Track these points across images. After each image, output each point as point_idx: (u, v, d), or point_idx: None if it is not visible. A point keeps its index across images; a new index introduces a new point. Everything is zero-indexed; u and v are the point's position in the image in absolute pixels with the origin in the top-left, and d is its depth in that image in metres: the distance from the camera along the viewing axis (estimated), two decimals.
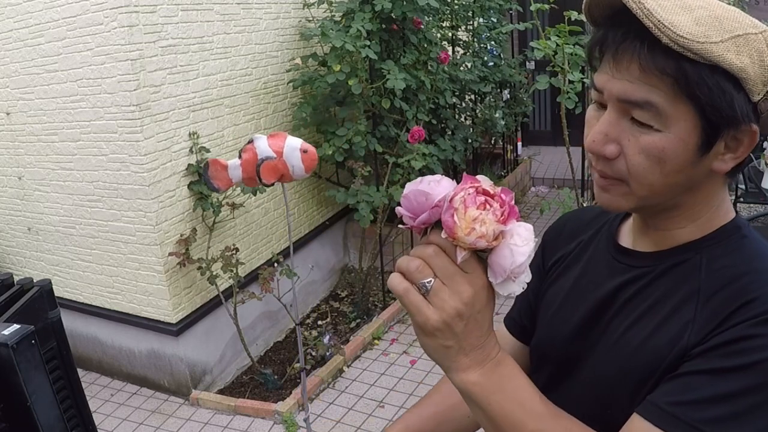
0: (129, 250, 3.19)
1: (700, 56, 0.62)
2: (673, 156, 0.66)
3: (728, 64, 0.62)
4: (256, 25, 3.54)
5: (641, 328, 0.72)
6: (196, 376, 3.34)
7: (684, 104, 0.64)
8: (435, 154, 3.92)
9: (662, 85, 0.64)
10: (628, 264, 0.78)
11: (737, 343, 0.62)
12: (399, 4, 3.62)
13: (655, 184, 0.68)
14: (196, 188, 3.16)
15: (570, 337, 0.81)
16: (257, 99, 3.59)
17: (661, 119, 0.65)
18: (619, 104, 0.67)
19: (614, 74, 0.67)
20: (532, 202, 6.09)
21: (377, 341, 3.72)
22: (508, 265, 0.60)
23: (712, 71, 0.62)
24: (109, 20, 2.77)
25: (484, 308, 0.65)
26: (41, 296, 0.95)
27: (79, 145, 3.14)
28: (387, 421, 3.02)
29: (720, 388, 0.62)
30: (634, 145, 0.67)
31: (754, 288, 0.66)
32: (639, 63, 0.64)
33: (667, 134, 0.65)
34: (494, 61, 5.34)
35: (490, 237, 0.60)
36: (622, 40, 0.66)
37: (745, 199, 4.76)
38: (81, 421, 0.97)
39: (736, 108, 0.64)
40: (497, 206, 0.61)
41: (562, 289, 0.88)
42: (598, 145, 0.69)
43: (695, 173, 0.68)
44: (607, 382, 0.73)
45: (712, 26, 0.63)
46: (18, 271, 3.76)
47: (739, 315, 0.64)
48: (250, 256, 3.62)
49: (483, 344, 0.66)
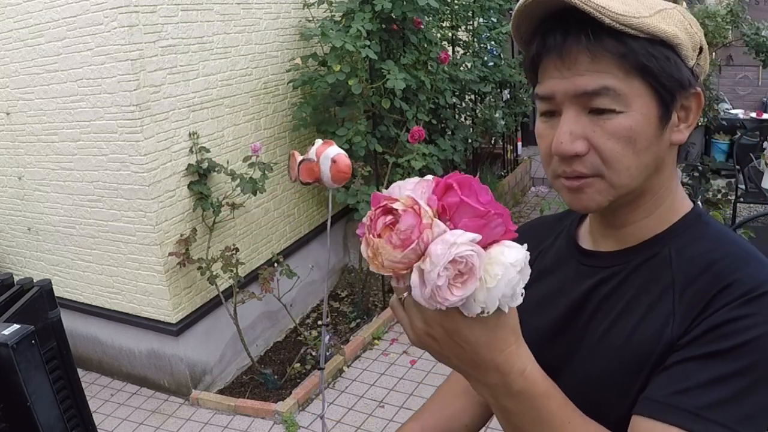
0: (129, 250, 3.19)
1: (639, 30, 0.65)
2: (641, 132, 0.67)
3: (664, 32, 0.66)
4: (256, 25, 3.54)
5: (621, 327, 0.72)
6: (196, 376, 3.34)
7: (637, 79, 0.66)
8: (435, 154, 3.92)
9: (612, 68, 0.66)
10: (595, 266, 0.78)
11: (723, 327, 0.63)
12: (399, 4, 3.62)
13: (631, 167, 0.69)
14: (196, 188, 3.16)
15: (544, 345, 0.78)
16: (257, 99, 3.59)
17: (620, 100, 0.66)
18: (575, 100, 0.68)
19: (563, 74, 0.68)
20: (532, 202, 6.09)
21: (377, 341, 3.72)
22: (419, 295, 0.53)
23: (653, 43, 0.66)
24: (109, 20, 2.77)
25: (457, 329, 0.58)
26: (41, 296, 0.95)
27: (79, 145, 3.14)
28: (387, 421, 3.02)
29: (714, 372, 0.62)
30: (601, 133, 0.68)
31: (728, 272, 0.67)
32: (588, 51, 0.66)
33: (630, 113, 0.67)
34: (494, 61, 5.34)
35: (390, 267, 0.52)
36: (563, 39, 0.67)
37: (745, 199, 4.75)
38: (81, 421, 0.97)
39: (682, 71, 0.68)
40: (396, 232, 0.52)
41: (530, 301, 0.84)
42: (566, 145, 0.68)
43: (660, 149, 0.70)
44: (592, 384, 0.73)
45: (638, 5, 0.67)
46: (18, 271, 3.76)
47: (720, 300, 0.65)
48: (250, 256, 3.62)
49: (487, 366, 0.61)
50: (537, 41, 0.71)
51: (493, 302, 0.54)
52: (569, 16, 0.66)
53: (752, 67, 6.80)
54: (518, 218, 5.67)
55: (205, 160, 3.16)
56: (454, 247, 0.51)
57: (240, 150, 3.46)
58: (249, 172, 3.24)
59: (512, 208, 5.88)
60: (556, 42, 0.68)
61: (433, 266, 0.51)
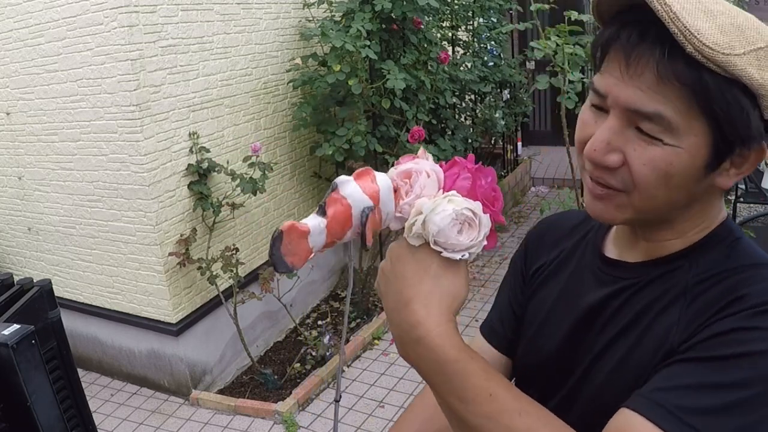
0: (129, 250, 3.19)
1: (722, 68, 0.57)
2: (681, 171, 0.62)
3: (749, 78, 0.58)
4: (256, 25, 3.54)
5: (627, 338, 0.70)
6: (196, 376, 3.34)
7: (698, 119, 0.60)
8: (435, 154, 3.92)
9: (676, 97, 0.59)
10: (616, 276, 0.75)
11: (728, 334, 0.59)
12: (399, 4, 3.62)
13: (659, 198, 0.65)
14: (196, 188, 3.16)
15: (557, 351, 0.79)
16: (257, 99, 3.59)
17: (672, 134, 0.61)
18: (625, 113, 0.63)
19: (624, 79, 0.62)
20: (532, 202, 6.09)
21: (377, 341, 3.72)
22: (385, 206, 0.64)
23: (730, 85, 0.58)
24: (109, 20, 2.77)
25: (399, 260, 0.67)
26: (41, 296, 0.95)
27: (79, 145, 3.14)
28: (387, 421, 3.02)
29: (706, 378, 0.58)
30: (639, 156, 0.62)
31: (744, 285, 0.63)
32: (656, 70, 0.59)
33: (677, 149, 0.61)
34: (494, 61, 5.34)
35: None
36: (637, 42, 0.60)
37: (745, 199, 4.76)
38: (81, 421, 0.97)
39: (752, 126, 0.60)
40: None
41: (546, 302, 0.85)
42: (599, 155, 0.64)
43: (698, 189, 0.66)
44: (598, 393, 0.71)
45: (735, 36, 0.58)
46: (18, 271, 3.76)
47: (729, 309, 0.61)
48: (250, 256, 3.62)
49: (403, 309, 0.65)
50: (613, 28, 0.64)
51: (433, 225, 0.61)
52: (654, 20, 0.58)
53: None
54: (518, 218, 5.67)
55: (205, 160, 3.16)
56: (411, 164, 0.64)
57: (240, 150, 3.46)
58: (249, 172, 3.24)
59: (512, 208, 5.88)
60: (630, 41, 0.61)
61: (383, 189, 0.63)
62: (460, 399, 0.62)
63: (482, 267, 4.66)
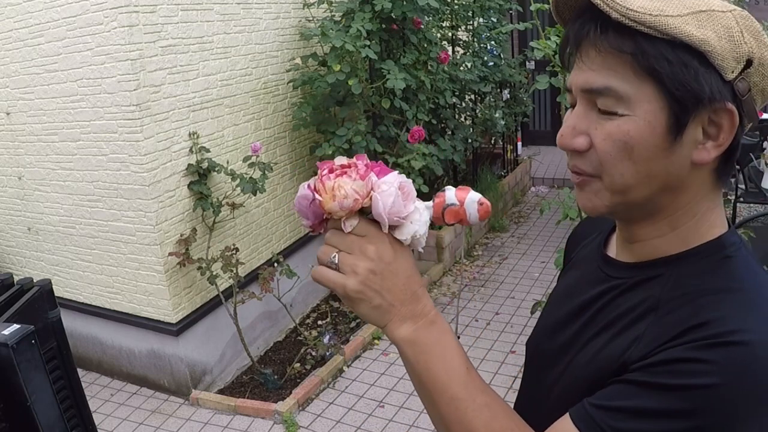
0: (129, 250, 3.19)
1: (654, 29, 0.59)
2: (640, 140, 0.62)
3: (687, 36, 0.59)
4: (256, 25, 3.54)
5: (601, 338, 0.70)
6: (196, 376, 3.34)
7: (646, 83, 0.61)
8: (435, 154, 3.92)
9: (621, 67, 0.62)
10: (608, 274, 0.76)
11: (675, 364, 0.59)
12: (399, 4, 3.62)
13: (626, 174, 0.64)
14: (196, 188, 3.16)
15: (545, 337, 0.83)
16: (257, 99, 3.59)
17: (624, 103, 0.62)
18: (584, 95, 0.66)
19: (581, 66, 0.66)
20: (532, 202, 6.09)
21: (377, 341, 3.72)
22: (381, 209, 0.66)
23: (673, 46, 0.60)
24: (109, 20, 2.77)
25: (394, 259, 0.68)
26: (41, 296, 0.95)
27: (79, 145, 3.14)
28: (387, 421, 3.02)
29: (644, 403, 0.59)
30: (600, 133, 0.65)
31: (710, 309, 0.61)
32: (595, 46, 0.63)
33: (633, 118, 0.62)
34: (494, 61, 5.35)
35: (352, 196, 0.65)
36: (579, 30, 0.65)
37: (745, 199, 4.76)
38: (81, 421, 0.97)
39: (702, 82, 0.60)
40: (353, 170, 0.66)
41: (558, 291, 0.89)
42: (566, 139, 0.67)
43: (673, 165, 0.64)
44: (567, 385, 0.73)
45: (666, 2, 0.61)
46: (18, 271, 3.77)
47: (688, 335, 0.60)
48: (250, 256, 3.62)
49: (411, 298, 0.69)
50: (568, 29, 0.68)
51: (421, 227, 0.68)
52: (590, 6, 0.63)
53: None
54: (518, 218, 5.67)
55: (205, 160, 3.16)
56: (399, 176, 0.68)
57: (240, 150, 3.46)
58: (249, 172, 3.24)
59: (512, 208, 5.88)
60: (574, 32, 0.66)
61: (389, 186, 0.66)
62: (447, 372, 0.68)
63: (482, 267, 4.66)
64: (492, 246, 5.06)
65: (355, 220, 0.68)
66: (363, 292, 0.68)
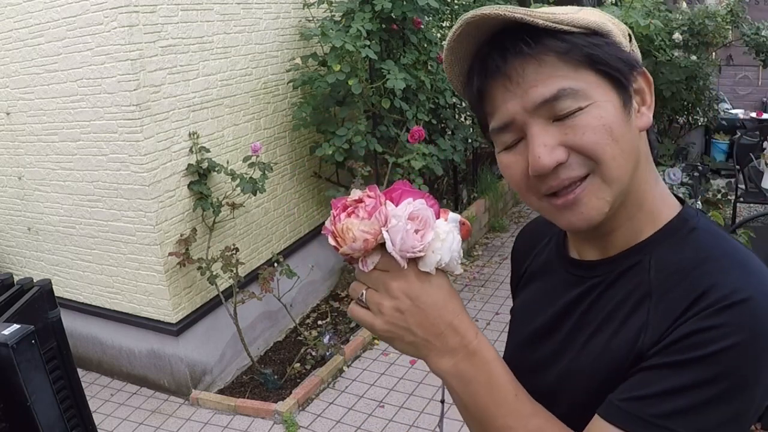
0: (129, 250, 3.19)
1: (572, 25, 0.65)
2: (614, 119, 0.66)
3: (594, 23, 0.67)
4: (256, 25, 3.54)
5: (600, 337, 0.71)
6: (196, 376, 3.34)
7: (587, 72, 0.66)
8: (435, 154, 3.92)
9: (561, 68, 0.65)
10: (581, 275, 0.77)
11: (692, 336, 0.61)
12: (399, 4, 3.62)
13: (617, 156, 0.66)
14: (196, 188, 3.16)
15: (527, 350, 0.81)
16: (257, 99, 3.59)
17: (582, 96, 0.65)
18: (537, 112, 0.66)
19: (516, 92, 0.66)
20: None
21: (377, 341, 3.72)
22: (391, 248, 0.63)
23: (587, 35, 0.66)
24: (109, 20, 2.77)
25: (421, 293, 0.66)
26: (41, 296, 0.95)
27: (79, 145, 3.14)
28: (387, 421, 3.02)
29: (673, 382, 0.61)
30: (575, 132, 0.65)
31: (704, 280, 0.64)
32: (532, 58, 0.65)
33: (596, 103, 0.65)
34: None
35: (361, 237, 0.63)
36: (503, 56, 0.66)
37: (745, 199, 4.76)
38: (81, 421, 0.97)
39: (622, 57, 0.67)
40: (362, 207, 0.64)
41: (524, 303, 0.88)
42: (545, 158, 0.65)
43: (634, 138, 0.69)
44: (573, 387, 0.72)
45: (560, 9, 0.68)
46: (18, 271, 3.77)
47: (695, 307, 0.63)
48: (250, 256, 3.62)
49: (446, 330, 0.67)
50: (476, 72, 0.69)
51: (446, 253, 0.65)
52: (502, 38, 0.66)
53: (752, 67, 6.80)
54: (518, 218, 5.67)
55: (205, 160, 3.16)
56: (410, 206, 0.64)
57: (240, 150, 3.46)
58: (249, 172, 3.24)
59: (512, 208, 5.89)
60: (497, 62, 0.66)
61: (398, 219, 0.63)
62: (495, 402, 0.68)
63: (482, 267, 4.66)
64: (492, 246, 5.06)
65: (376, 256, 0.65)
66: (391, 331, 0.67)
